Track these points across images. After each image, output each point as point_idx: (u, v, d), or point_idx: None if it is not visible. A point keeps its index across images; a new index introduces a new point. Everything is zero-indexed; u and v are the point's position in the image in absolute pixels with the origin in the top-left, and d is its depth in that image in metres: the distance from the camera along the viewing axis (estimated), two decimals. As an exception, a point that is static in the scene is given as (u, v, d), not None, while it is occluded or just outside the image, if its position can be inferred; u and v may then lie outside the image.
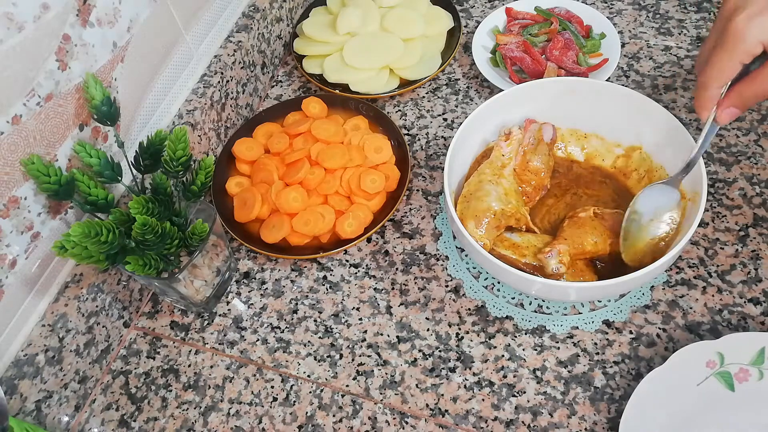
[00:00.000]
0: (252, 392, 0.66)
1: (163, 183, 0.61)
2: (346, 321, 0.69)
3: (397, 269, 0.72)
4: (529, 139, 0.69)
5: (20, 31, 0.52)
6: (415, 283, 0.71)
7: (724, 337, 0.60)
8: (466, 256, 0.72)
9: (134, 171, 0.63)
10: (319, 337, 0.68)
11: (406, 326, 0.68)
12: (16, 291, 0.58)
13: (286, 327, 0.69)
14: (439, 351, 0.66)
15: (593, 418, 0.61)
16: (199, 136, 0.77)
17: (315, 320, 0.69)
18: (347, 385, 0.65)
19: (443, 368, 0.65)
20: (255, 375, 0.67)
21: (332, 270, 0.73)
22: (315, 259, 0.74)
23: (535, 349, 0.65)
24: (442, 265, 0.72)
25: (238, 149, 0.79)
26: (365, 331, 0.68)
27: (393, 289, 0.71)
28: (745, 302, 0.66)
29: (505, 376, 0.64)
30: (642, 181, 0.69)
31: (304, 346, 0.68)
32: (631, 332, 0.65)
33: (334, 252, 0.72)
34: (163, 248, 0.59)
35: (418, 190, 0.78)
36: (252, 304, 0.72)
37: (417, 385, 0.64)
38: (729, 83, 0.55)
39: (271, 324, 0.70)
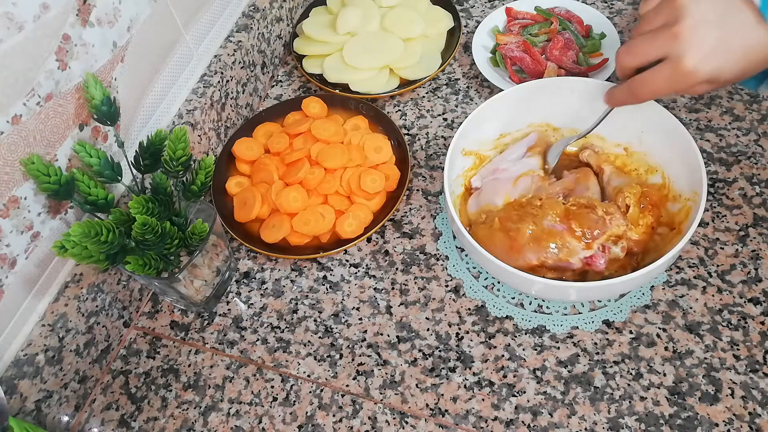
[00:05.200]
0: (252, 392, 0.66)
1: (163, 183, 0.61)
2: (346, 321, 0.69)
3: (397, 269, 0.72)
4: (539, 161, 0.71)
5: (20, 31, 0.52)
6: (415, 283, 0.71)
7: None
8: (466, 256, 0.72)
9: (134, 171, 0.63)
10: (319, 337, 0.68)
11: (406, 326, 0.68)
12: (16, 291, 0.58)
13: (286, 327, 0.69)
14: (439, 351, 0.66)
15: (593, 418, 0.61)
16: (199, 136, 0.77)
17: (315, 320, 0.69)
18: (347, 385, 0.65)
19: (443, 368, 0.65)
20: (255, 375, 0.67)
21: (332, 270, 0.73)
22: (315, 259, 0.74)
23: (535, 349, 0.65)
24: (442, 265, 0.72)
25: (238, 149, 0.79)
26: (365, 331, 0.68)
27: (393, 289, 0.71)
28: (745, 302, 0.66)
29: (505, 376, 0.64)
30: (641, 180, 0.69)
31: (304, 346, 0.68)
32: (631, 332, 0.65)
33: (334, 252, 0.72)
34: (163, 248, 0.59)
35: (418, 190, 0.78)
36: (252, 303, 0.72)
37: (417, 385, 0.64)
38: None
39: (271, 324, 0.70)
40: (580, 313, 0.67)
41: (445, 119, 0.84)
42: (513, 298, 0.68)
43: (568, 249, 0.62)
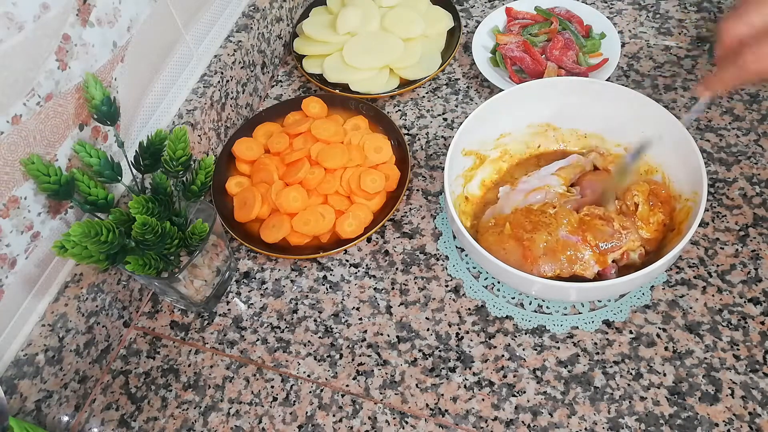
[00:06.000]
0: (252, 392, 0.66)
1: (163, 183, 0.61)
2: (346, 321, 0.69)
3: (397, 269, 0.72)
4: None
5: (20, 31, 0.52)
6: (415, 283, 0.71)
7: None
8: (466, 256, 0.72)
9: (134, 171, 0.63)
10: (319, 337, 0.68)
11: (406, 326, 0.68)
12: (16, 291, 0.58)
13: (286, 327, 0.69)
14: (439, 351, 0.66)
15: (593, 418, 0.61)
16: (199, 135, 0.77)
17: (315, 320, 0.69)
18: (347, 385, 0.65)
19: (443, 368, 0.65)
20: (255, 375, 0.67)
21: (332, 270, 0.73)
22: (315, 259, 0.74)
23: (535, 349, 0.65)
24: (442, 265, 0.72)
25: (238, 149, 0.79)
26: (365, 331, 0.68)
27: (393, 289, 0.71)
28: (745, 302, 0.66)
29: (505, 376, 0.64)
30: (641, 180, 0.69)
31: (304, 345, 0.68)
32: (631, 332, 0.65)
33: (334, 252, 0.72)
34: (163, 248, 0.59)
35: (418, 190, 0.78)
36: (252, 303, 0.72)
37: (417, 385, 0.64)
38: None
39: (271, 324, 0.70)
40: (580, 313, 0.67)
41: (445, 119, 0.84)
42: (513, 298, 0.68)
43: (583, 262, 0.62)
